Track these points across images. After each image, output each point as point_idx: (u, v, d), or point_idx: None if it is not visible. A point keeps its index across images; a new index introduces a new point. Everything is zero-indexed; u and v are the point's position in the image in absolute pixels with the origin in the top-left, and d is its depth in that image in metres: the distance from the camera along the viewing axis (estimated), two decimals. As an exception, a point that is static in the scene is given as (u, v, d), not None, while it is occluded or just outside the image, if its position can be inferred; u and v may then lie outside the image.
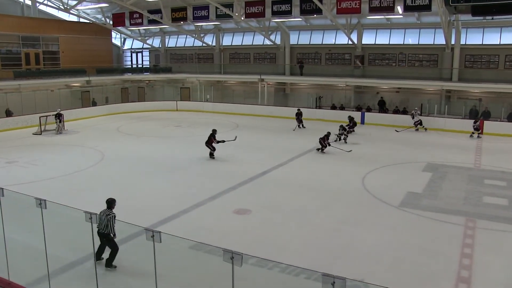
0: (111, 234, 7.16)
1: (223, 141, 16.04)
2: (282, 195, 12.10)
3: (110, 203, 7.43)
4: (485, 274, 7.57)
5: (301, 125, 23.67)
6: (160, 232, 5.40)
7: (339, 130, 19.65)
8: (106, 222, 7.13)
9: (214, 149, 15.95)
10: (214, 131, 16.11)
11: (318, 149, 17.49)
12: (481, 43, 25.82)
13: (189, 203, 11.08)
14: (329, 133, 17.75)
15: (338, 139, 19.43)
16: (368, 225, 9.90)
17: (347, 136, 19.72)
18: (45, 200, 6.32)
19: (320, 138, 17.47)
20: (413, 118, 23.65)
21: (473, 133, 21.25)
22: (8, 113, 24.24)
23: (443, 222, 10.00)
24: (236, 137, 16.65)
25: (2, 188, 6.91)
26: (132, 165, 15.33)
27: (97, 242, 6.93)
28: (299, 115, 23.76)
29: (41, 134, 21.30)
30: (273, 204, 11.31)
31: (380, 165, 15.42)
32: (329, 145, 17.46)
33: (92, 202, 10.84)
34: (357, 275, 7.20)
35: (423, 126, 22.97)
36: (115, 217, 7.22)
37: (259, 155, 17.01)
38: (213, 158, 15.84)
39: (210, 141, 15.83)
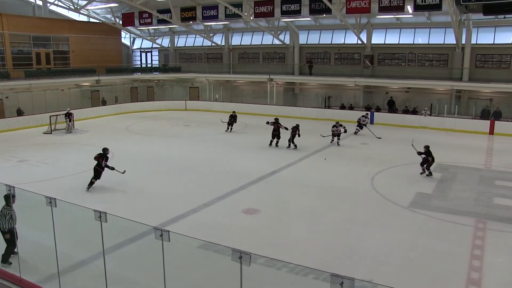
0: (7, 229, 7.18)
1: (113, 168, 12.29)
2: (291, 194, 12.09)
3: (6, 198, 7.29)
4: (496, 276, 7.48)
5: (230, 128, 22.20)
6: (168, 231, 5.42)
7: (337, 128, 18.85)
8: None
9: (98, 175, 12.14)
10: (105, 151, 12.43)
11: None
12: (492, 43, 25.53)
13: (198, 202, 11.11)
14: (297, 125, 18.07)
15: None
16: (377, 225, 9.84)
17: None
18: (55, 198, 6.38)
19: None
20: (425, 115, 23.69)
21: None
22: (19, 113, 24.53)
23: (453, 223, 9.91)
24: (125, 171, 12.64)
25: (14, 187, 6.99)
26: (141, 164, 15.41)
27: (106, 241, 6.95)
28: (234, 118, 22.33)
29: (51, 133, 21.52)
30: (282, 203, 11.30)
31: (389, 165, 15.33)
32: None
33: (102, 200, 10.99)
34: (366, 275, 7.17)
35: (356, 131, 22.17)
36: (5, 214, 7.21)
37: (268, 155, 17.02)
38: (91, 186, 12.12)
39: (100, 164, 12.18)
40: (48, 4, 32.53)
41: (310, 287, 6.80)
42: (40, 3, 32.43)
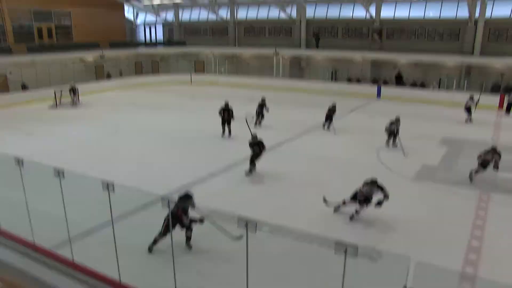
0: None
1: (201, 221, 7.17)
2: (296, 166, 12.15)
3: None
4: (495, 246, 7.54)
5: (226, 130, 15.59)
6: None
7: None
8: None
9: (188, 226, 7.19)
10: (188, 199, 7.34)
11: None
12: (508, 16, 24.66)
13: (204, 172, 11.20)
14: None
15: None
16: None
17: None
18: (63, 170, 6.45)
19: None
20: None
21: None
22: (24, 87, 24.55)
23: (457, 195, 9.96)
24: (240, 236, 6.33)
25: (22, 159, 7.06)
26: (147, 137, 15.51)
27: (114, 210, 7.06)
28: (229, 112, 15.49)
29: (56, 107, 21.59)
30: (287, 175, 11.37)
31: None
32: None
33: (109, 172, 11.04)
34: (369, 243, 7.25)
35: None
36: None
37: (273, 127, 17.01)
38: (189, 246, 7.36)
39: (179, 217, 7.07)
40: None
41: (315, 254, 6.92)
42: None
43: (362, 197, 8.29)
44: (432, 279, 4.94)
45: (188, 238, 7.30)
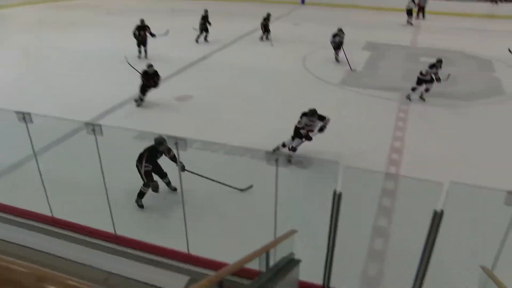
0: None
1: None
2: (224, 79, 12.02)
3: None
4: (415, 145, 8.17)
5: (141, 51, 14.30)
6: (100, 125, 5.19)
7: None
8: None
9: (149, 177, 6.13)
10: (160, 146, 6.01)
11: None
12: None
13: (130, 92, 10.64)
14: (268, 15, 16.68)
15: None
16: (310, 104, 10.05)
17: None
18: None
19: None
20: None
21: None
22: None
23: (380, 98, 10.52)
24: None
25: None
26: (62, 60, 14.19)
27: (35, 142, 6.60)
28: (143, 29, 14.05)
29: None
30: (215, 88, 11.21)
31: (320, 45, 15.42)
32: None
33: (23, 102, 10.16)
34: (301, 151, 7.54)
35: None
36: None
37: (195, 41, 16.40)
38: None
39: (141, 159, 6.10)
40: None
41: (246, 165, 7.11)
42: None
43: (304, 132, 7.41)
44: (359, 181, 5.34)
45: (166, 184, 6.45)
